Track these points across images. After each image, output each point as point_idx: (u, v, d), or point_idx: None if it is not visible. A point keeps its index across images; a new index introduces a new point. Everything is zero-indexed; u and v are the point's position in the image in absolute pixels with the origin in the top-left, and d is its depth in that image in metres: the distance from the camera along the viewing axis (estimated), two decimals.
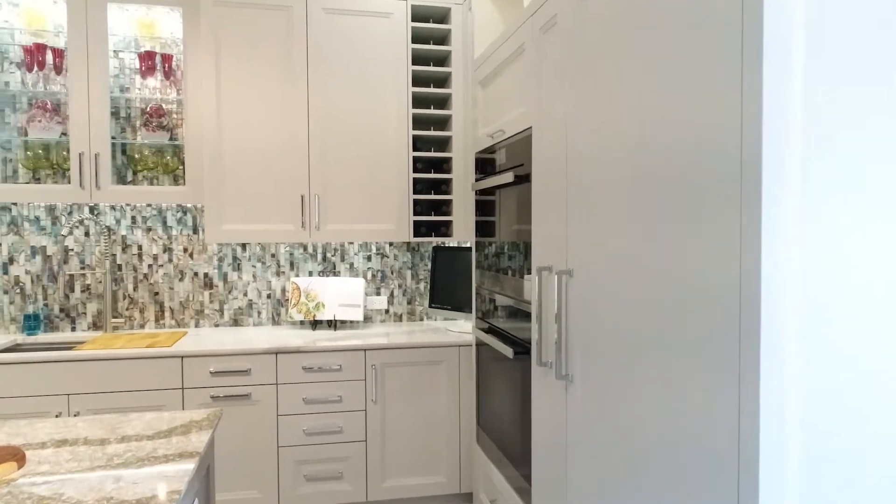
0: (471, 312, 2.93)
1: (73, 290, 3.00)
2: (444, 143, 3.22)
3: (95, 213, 3.02)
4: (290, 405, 2.67)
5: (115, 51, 2.98)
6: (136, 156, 2.95)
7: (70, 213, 2.97)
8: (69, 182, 2.89)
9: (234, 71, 2.82)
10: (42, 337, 2.88)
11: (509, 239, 2.25)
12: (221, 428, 2.61)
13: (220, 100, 2.80)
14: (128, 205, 3.04)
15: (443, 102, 3.19)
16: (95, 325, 3.03)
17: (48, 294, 2.98)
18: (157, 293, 3.08)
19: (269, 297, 3.19)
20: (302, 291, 3.10)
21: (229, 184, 2.83)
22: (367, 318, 3.31)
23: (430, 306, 3.19)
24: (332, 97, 2.91)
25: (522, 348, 2.11)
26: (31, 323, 2.90)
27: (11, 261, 2.94)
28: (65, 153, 2.89)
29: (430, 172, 3.14)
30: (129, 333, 2.93)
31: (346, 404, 2.72)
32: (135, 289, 3.05)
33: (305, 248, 3.22)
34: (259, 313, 3.19)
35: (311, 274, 3.23)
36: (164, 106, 2.97)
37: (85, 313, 3.02)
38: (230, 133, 2.82)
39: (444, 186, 3.14)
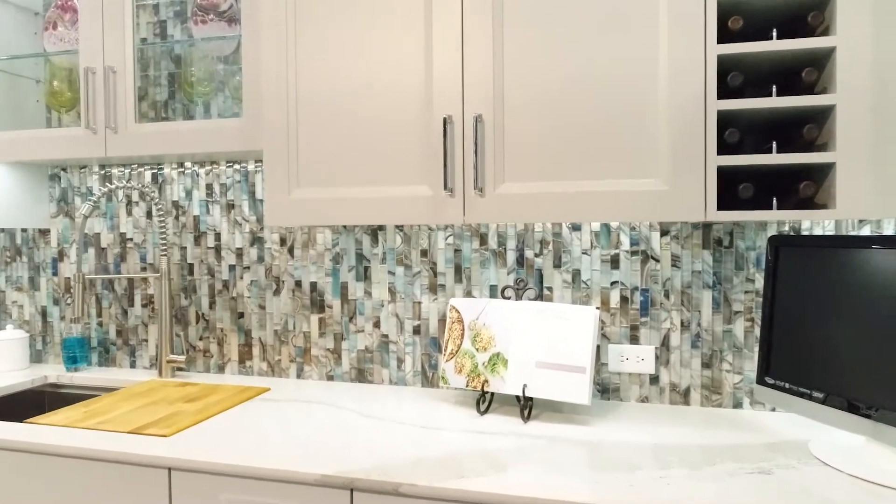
0: (884, 421, 0.97)
1: (131, 304, 1.91)
2: None
3: (159, 180, 1.87)
4: None
5: None
6: (190, 77, 1.70)
7: (129, 179, 1.88)
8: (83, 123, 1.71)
9: None
10: (82, 376, 1.84)
11: None
12: None
13: None
14: (201, 164, 1.83)
15: None
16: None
17: (102, 308, 1.94)
18: (241, 314, 1.81)
19: (416, 331, 1.68)
20: (466, 326, 1.50)
21: (305, 114, 1.38)
22: (609, 390, 1.55)
23: (759, 382, 1.29)
24: None
25: None
26: (73, 353, 1.87)
27: (62, 255, 1.97)
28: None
29: (763, 45, 1.21)
30: (182, 383, 1.70)
31: None
32: (211, 305, 1.83)
33: (483, 240, 1.62)
34: (401, 361, 1.69)
35: (491, 291, 1.61)
36: None
37: (146, 340, 1.90)
38: (308, 26, 1.37)
39: (801, 82, 1.19)
